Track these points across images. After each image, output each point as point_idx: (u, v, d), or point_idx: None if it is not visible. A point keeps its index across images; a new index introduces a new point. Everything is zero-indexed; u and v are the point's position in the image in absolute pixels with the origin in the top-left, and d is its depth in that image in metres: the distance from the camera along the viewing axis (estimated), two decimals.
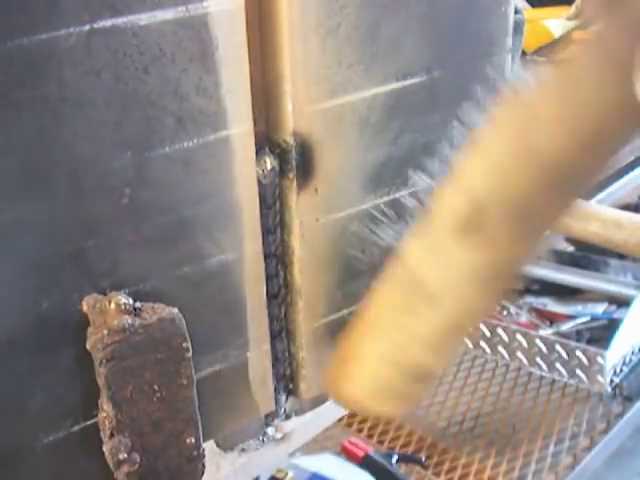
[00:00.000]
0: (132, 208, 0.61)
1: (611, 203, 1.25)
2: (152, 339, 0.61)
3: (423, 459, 1.48)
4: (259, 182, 0.70)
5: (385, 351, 0.40)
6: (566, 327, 1.82)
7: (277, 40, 0.68)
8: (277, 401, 0.79)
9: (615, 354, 1.69)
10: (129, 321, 0.60)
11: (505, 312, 1.88)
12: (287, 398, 0.81)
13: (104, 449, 0.63)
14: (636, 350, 1.78)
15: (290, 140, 0.71)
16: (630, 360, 1.76)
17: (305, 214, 0.74)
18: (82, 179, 0.58)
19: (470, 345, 1.85)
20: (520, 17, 1.29)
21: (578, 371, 1.70)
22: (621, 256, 1.84)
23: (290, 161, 0.71)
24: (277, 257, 0.74)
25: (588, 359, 1.68)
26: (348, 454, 1.46)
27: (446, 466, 1.48)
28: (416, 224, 0.39)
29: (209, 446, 0.75)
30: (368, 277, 0.50)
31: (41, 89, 0.55)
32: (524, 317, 1.87)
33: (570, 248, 2.03)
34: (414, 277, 0.37)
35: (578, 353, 1.69)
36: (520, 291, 1.94)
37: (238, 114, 0.65)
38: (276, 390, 0.79)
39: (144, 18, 0.58)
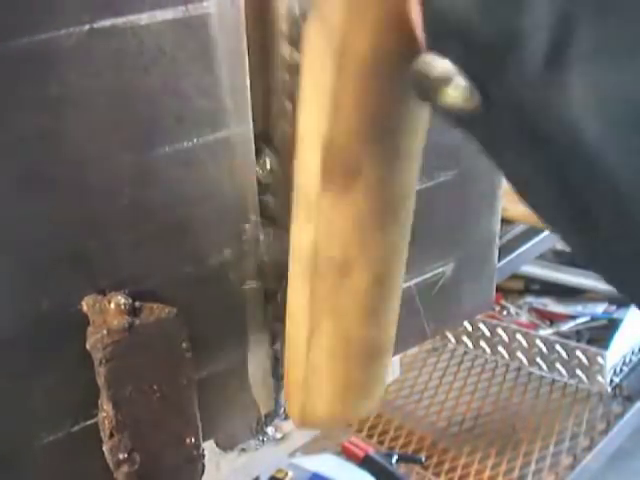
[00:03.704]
0: (132, 208, 0.61)
1: None
2: (152, 339, 0.61)
3: (423, 459, 1.48)
4: (259, 182, 0.70)
5: (328, 347, 0.37)
6: (566, 327, 1.82)
7: (277, 39, 0.68)
8: (277, 401, 0.79)
9: (615, 354, 1.69)
10: (129, 321, 0.60)
11: (505, 312, 1.88)
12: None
13: (104, 449, 0.63)
14: (636, 350, 1.78)
15: None
16: (630, 360, 1.76)
17: None
18: (82, 179, 0.58)
19: (470, 345, 1.85)
20: None
21: (578, 371, 1.70)
22: None
23: None
24: None
25: (588, 359, 1.68)
26: (348, 454, 1.46)
27: (446, 466, 1.48)
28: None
29: (209, 446, 0.75)
30: None
31: (41, 89, 0.55)
32: (524, 317, 1.87)
33: None
34: (312, 258, 0.34)
35: (578, 353, 1.69)
36: (520, 291, 1.94)
37: (238, 114, 0.65)
38: (276, 390, 0.79)
39: (144, 18, 0.58)
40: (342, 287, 0.34)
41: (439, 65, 0.20)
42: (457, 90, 0.19)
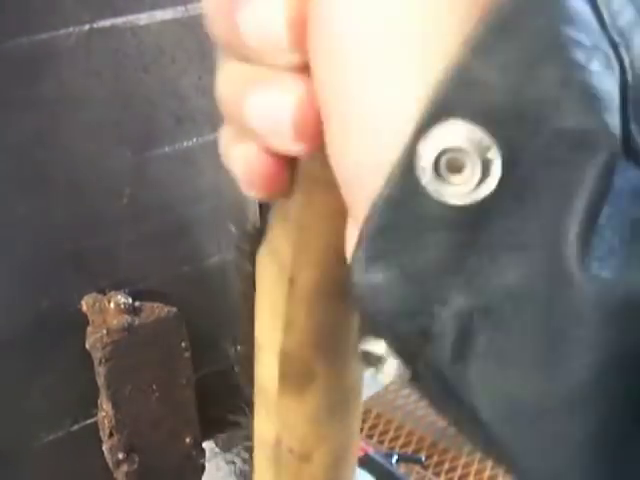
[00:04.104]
0: (132, 208, 0.61)
1: None
2: (151, 338, 0.61)
3: (423, 459, 1.48)
4: None
5: None
6: None
7: None
8: None
9: None
10: (128, 320, 0.60)
11: None
12: None
13: (103, 448, 0.63)
14: None
15: None
16: None
17: None
18: (82, 179, 0.59)
19: None
20: None
21: None
22: None
23: None
24: None
25: None
26: None
27: (446, 466, 1.48)
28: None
29: (209, 446, 0.75)
30: None
31: (41, 89, 0.55)
32: None
33: None
34: (274, 448, 0.38)
35: None
36: None
37: None
38: None
39: (144, 18, 0.58)
40: (303, 471, 0.38)
41: (376, 347, 0.24)
42: (392, 367, 0.24)
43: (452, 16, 0.19)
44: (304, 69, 0.23)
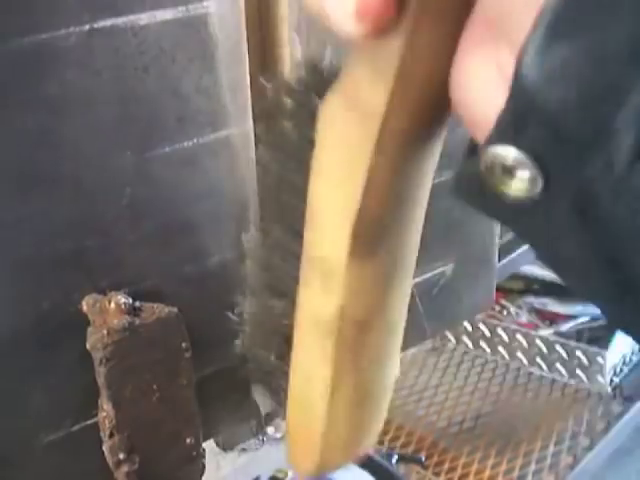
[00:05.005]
0: (132, 208, 0.61)
1: None
2: (152, 339, 0.61)
3: (423, 459, 1.48)
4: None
5: (348, 401, 0.38)
6: (566, 327, 1.82)
7: (277, 39, 0.68)
8: (277, 400, 0.79)
9: (615, 354, 1.69)
10: (129, 321, 0.60)
11: (505, 312, 1.88)
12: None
13: (104, 449, 0.63)
14: (636, 350, 1.78)
15: None
16: (630, 360, 1.76)
17: None
18: (82, 179, 0.58)
19: (470, 345, 1.85)
20: None
21: (578, 371, 1.70)
22: None
23: None
24: None
25: (588, 359, 1.68)
26: None
27: (446, 466, 1.48)
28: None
29: (209, 446, 0.75)
30: None
31: (41, 89, 0.55)
32: (524, 317, 1.87)
33: None
34: (335, 323, 0.35)
35: (578, 353, 1.69)
36: (520, 291, 1.94)
37: (238, 113, 0.65)
38: (276, 389, 0.79)
39: (144, 18, 0.58)
40: (362, 343, 0.35)
41: (508, 155, 0.20)
42: (522, 181, 0.19)
43: None
44: None
